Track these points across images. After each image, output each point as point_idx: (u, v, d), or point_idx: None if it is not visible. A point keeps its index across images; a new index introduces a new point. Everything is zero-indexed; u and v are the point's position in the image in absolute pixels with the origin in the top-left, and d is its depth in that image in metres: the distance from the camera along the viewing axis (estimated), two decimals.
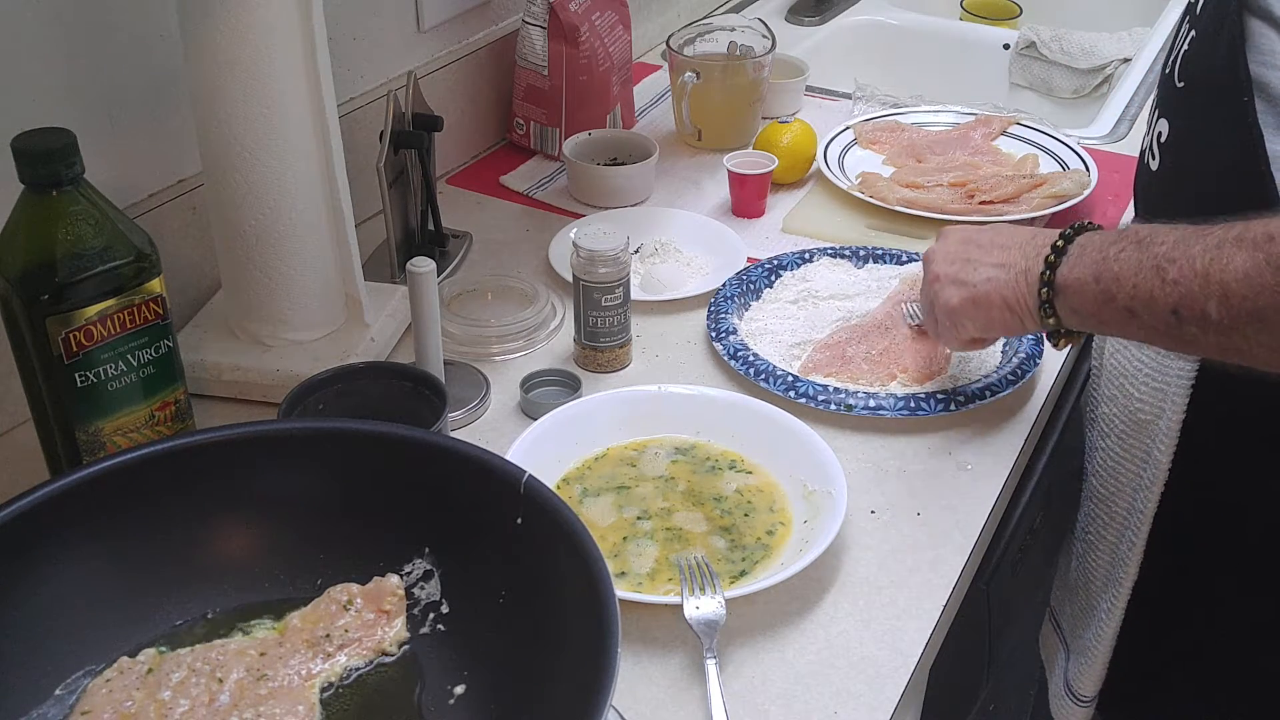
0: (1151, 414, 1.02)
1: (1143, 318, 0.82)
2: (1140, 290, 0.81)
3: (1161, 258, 0.80)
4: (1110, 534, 1.09)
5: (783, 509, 0.98)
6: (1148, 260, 0.81)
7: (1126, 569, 1.06)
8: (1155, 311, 0.81)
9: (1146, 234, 0.83)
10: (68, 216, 0.86)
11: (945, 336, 1.03)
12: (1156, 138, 1.01)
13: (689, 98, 1.54)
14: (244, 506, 0.80)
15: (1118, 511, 1.08)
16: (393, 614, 0.79)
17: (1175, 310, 0.79)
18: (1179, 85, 0.97)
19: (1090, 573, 1.13)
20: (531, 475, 0.76)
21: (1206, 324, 0.78)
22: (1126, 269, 0.83)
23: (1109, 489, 1.09)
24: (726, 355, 1.14)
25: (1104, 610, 1.09)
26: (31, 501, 0.72)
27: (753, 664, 0.87)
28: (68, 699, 0.73)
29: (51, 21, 1.01)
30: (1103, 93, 1.92)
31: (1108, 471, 1.09)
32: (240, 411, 1.08)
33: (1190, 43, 0.95)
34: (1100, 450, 1.10)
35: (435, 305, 1.02)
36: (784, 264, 1.27)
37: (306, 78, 1.03)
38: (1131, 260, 0.82)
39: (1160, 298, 0.80)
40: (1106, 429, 1.09)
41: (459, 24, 1.50)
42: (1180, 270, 0.78)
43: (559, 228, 1.36)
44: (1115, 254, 0.84)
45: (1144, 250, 0.82)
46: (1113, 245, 0.85)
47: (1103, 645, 1.10)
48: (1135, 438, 1.04)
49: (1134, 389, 1.03)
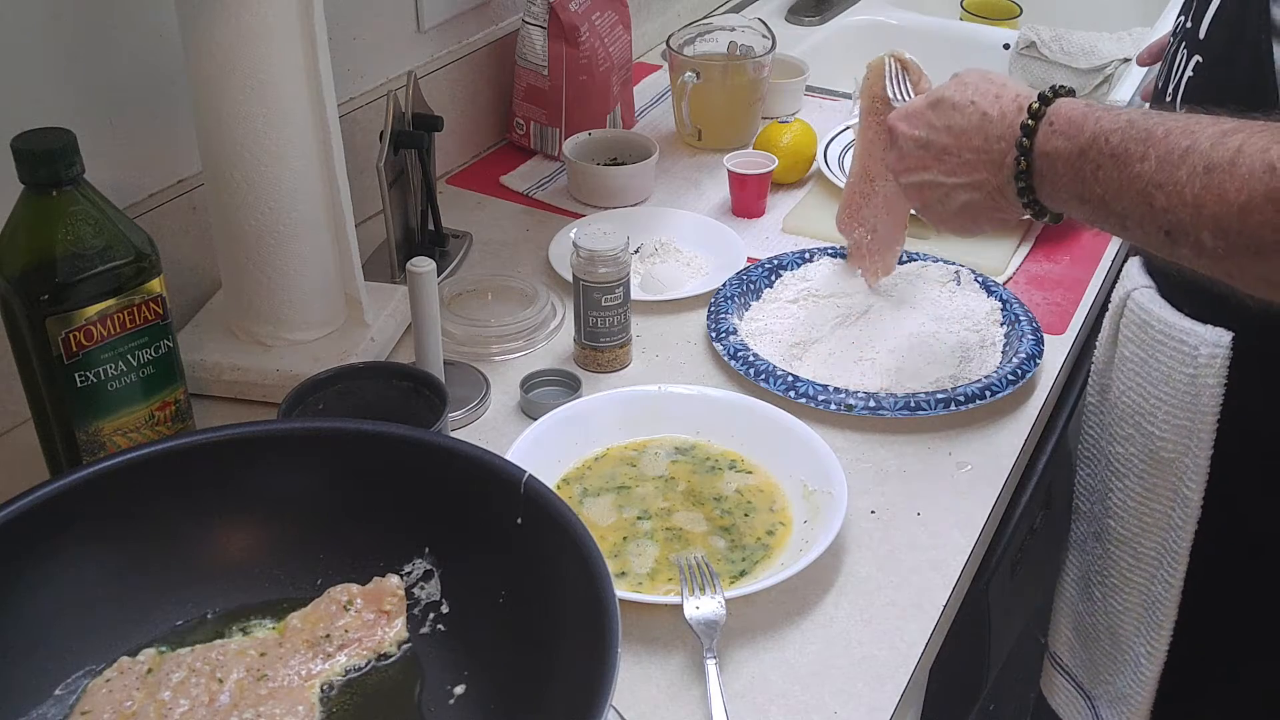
0: (1175, 451, 0.99)
1: (1133, 233, 0.80)
2: (1131, 212, 0.78)
3: (1146, 182, 0.76)
4: (1139, 576, 1.06)
5: (783, 509, 0.98)
6: (1129, 182, 0.77)
7: (1165, 610, 1.03)
8: (1148, 230, 0.77)
9: (1118, 142, 0.78)
10: (68, 216, 0.86)
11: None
12: None
13: (689, 98, 1.54)
14: (244, 506, 0.80)
15: (1146, 553, 1.05)
16: (393, 614, 0.79)
17: (1168, 232, 0.76)
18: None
19: (1118, 617, 1.10)
20: (531, 475, 0.76)
21: (1200, 250, 0.74)
22: (1109, 191, 0.79)
23: (1131, 531, 1.06)
24: (726, 355, 1.14)
25: (1142, 654, 1.06)
26: (31, 501, 0.72)
27: (753, 664, 0.87)
28: (68, 699, 0.73)
29: (51, 21, 1.01)
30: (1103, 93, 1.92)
31: (1129, 513, 1.05)
32: (240, 411, 1.08)
33: (1196, 69, 0.93)
34: (1118, 491, 1.07)
35: (435, 305, 1.02)
36: (784, 264, 1.27)
37: (306, 78, 1.03)
38: (1112, 180, 0.79)
39: (1151, 221, 0.76)
40: (1123, 469, 1.05)
41: (459, 24, 1.50)
42: (1168, 198, 0.74)
43: (559, 228, 1.36)
44: (1092, 173, 0.80)
45: (1123, 169, 0.78)
46: (1085, 162, 0.81)
47: (1144, 691, 1.07)
48: (1158, 476, 1.01)
49: (1153, 427, 1.00)
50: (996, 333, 1.19)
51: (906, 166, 0.96)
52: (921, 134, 0.94)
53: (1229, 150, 0.71)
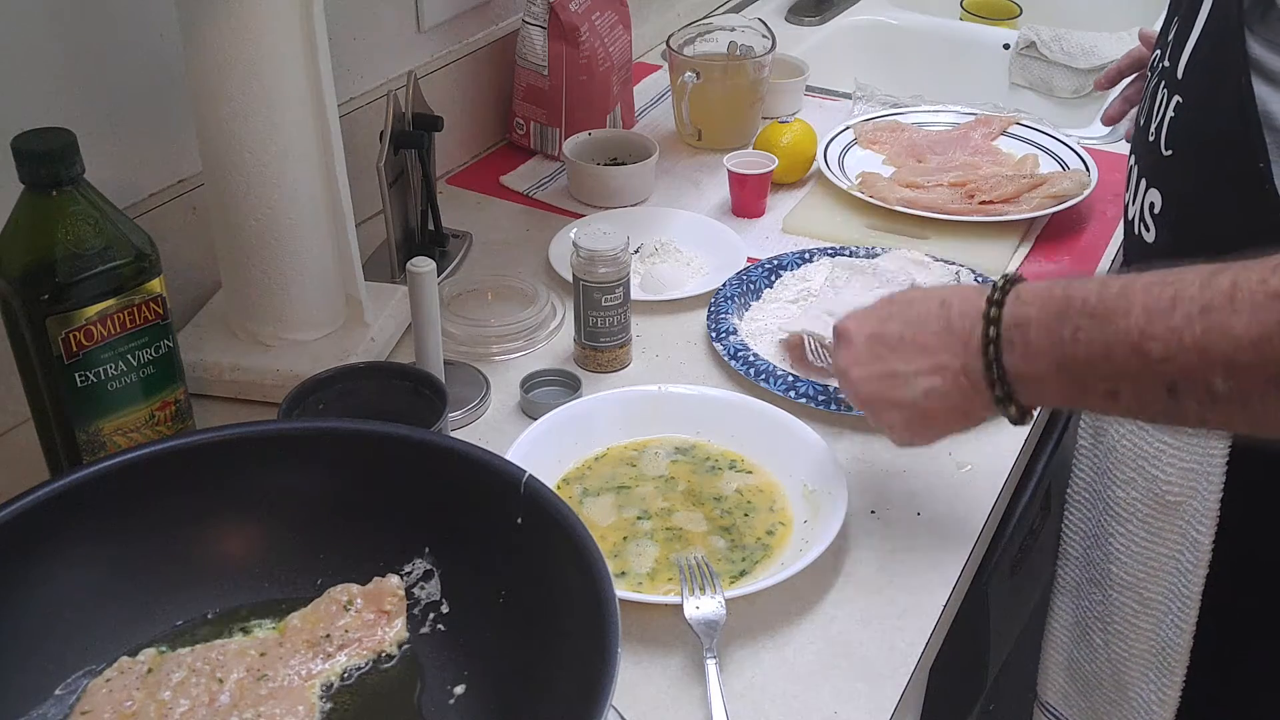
0: (1181, 495, 0.98)
1: (1127, 400, 0.71)
2: (1124, 373, 0.69)
3: (1136, 334, 0.68)
4: (1146, 622, 1.05)
5: (783, 509, 0.98)
6: (1118, 339, 0.69)
7: (1176, 655, 1.02)
8: (1145, 391, 0.69)
9: (1095, 301, 0.70)
10: (68, 216, 0.86)
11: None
12: (1149, 209, 0.97)
13: (689, 98, 1.54)
14: (243, 506, 0.80)
15: (1153, 598, 1.03)
16: (393, 614, 0.79)
17: (1171, 388, 0.68)
18: (1166, 154, 0.94)
19: (1122, 664, 1.08)
20: (532, 475, 0.76)
21: (1213, 398, 0.66)
22: (1095, 352, 0.70)
23: (1136, 575, 1.04)
24: (727, 355, 1.14)
25: (1154, 701, 1.05)
26: (31, 501, 0.72)
27: (753, 664, 0.87)
28: (68, 699, 0.73)
29: (51, 21, 1.01)
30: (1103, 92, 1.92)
31: (1132, 557, 1.04)
32: (240, 411, 1.08)
33: (1177, 109, 0.92)
34: (1121, 536, 1.05)
35: (435, 305, 1.02)
36: (784, 264, 1.27)
37: (306, 78, 1.03)
38: (1097, 341, 0.70)
39: (1148, 378, 0.68)
40: (1126, 514, 1.04)
41: (459, 24, 1.50)
42: (1166, 347, 0.67)
43: (559, 228, 1.36)
44: (1071, 335, 0.71)
45: (1107, 326, 0.69)
46: (1064, 325, 0.72)
47: None
48: (1164, 520, 1.00)
49: (1158, 471, 0.99)
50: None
51: (858, 360, 0.84)
52: (875, 328, 0.84)
53: (1222, 289, 0.65)
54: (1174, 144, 0.93)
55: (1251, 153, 0.85)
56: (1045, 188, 1.40)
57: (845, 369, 0.85)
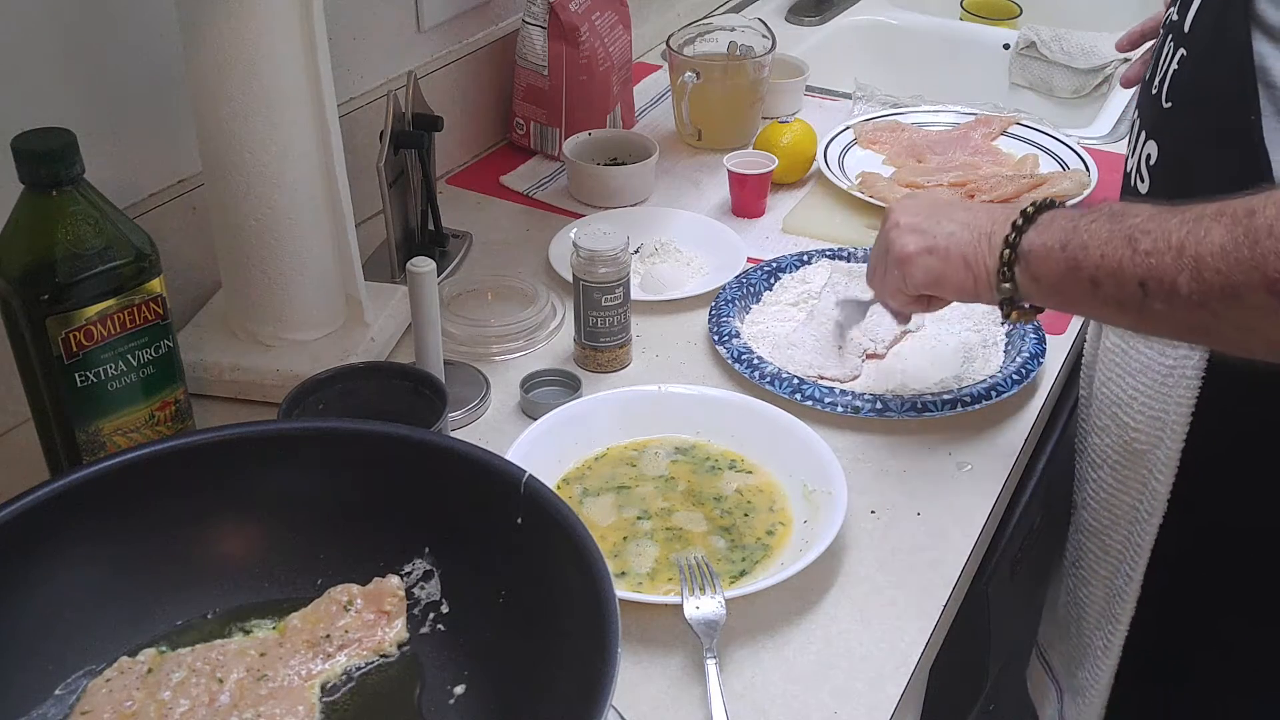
0: (1148, 443, 0.99)
1: (1106, 289, 0.80)
2: (1108, 259, 0.79)
3: (1135, 229, 0.78)
4: (1104, 569, 1.07)
5: (783, 509, 0.98)
6: (1120, 231, 0.79)
7: (1124, 604, 1.04)
8: (1121, 282, 0.78)
9: (1120, 208, 0.81)
10: (68, 216, 0.86)
11: (891, 287, 0.98)
12: (1145, 160, 0.99)
13: (689, 98, 1.54)
14: (244, 506, 0.80)
15: (1112, 545, 1.05)
16: (393, 615, 0.79)
17: (1143, 283, 0.77)
18: (1166, 106, 0.95)
19: (1083, 608, 1.10)
20: (531, 475, 0.76)
21: (1174, 299, 0.75)
22: (1096, 238, 0.80)
23: (1102, 522, 1.06)
24: (731, 359, 1.13)
25: (1099, 648, 1.07)
26: (31, 501, 0.72)
27: (753, 664, 0.87)
28: (68, 699, 0.73)
29: (51, 21, 1.01)
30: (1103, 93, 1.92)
31: (1100, 504, 1.06)
32: (240, 411, 1.08)
33: (1180, 62, 0.93)
34: (1091, 482, 1.07)
35: (435, 305, 1.02)
36: (782, 266, 1.27)
37: (306, 78, 1.03)
38: (1102, 230, 0.80)
39: (1129, 268, 0.77)
40: (1098, 460, 1.06)
41: (459, 24, 1.50)
42: (1154, 242, 0.76)
43: (559, 228, 1.36)
44: (1086, 224, 0.82)
45: (1117, 222, 0.79)
46: (1084, 217, 0.83)
47: (1100, 684, 1.08)
48: (1130, 468, 1.02)
49: (1129, 418, 1.01)
50: (998, 332, 1.19)
51: (910, 208, 0.97)
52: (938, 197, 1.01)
53: (1214, 206, 0.74)
54: (1174, 97, 0.94)
55: (1244, 107, 0.86)
56: (1045, 188, 1.40)
57: (894, 206, 0.99)
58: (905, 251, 0.94)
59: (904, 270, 0.95)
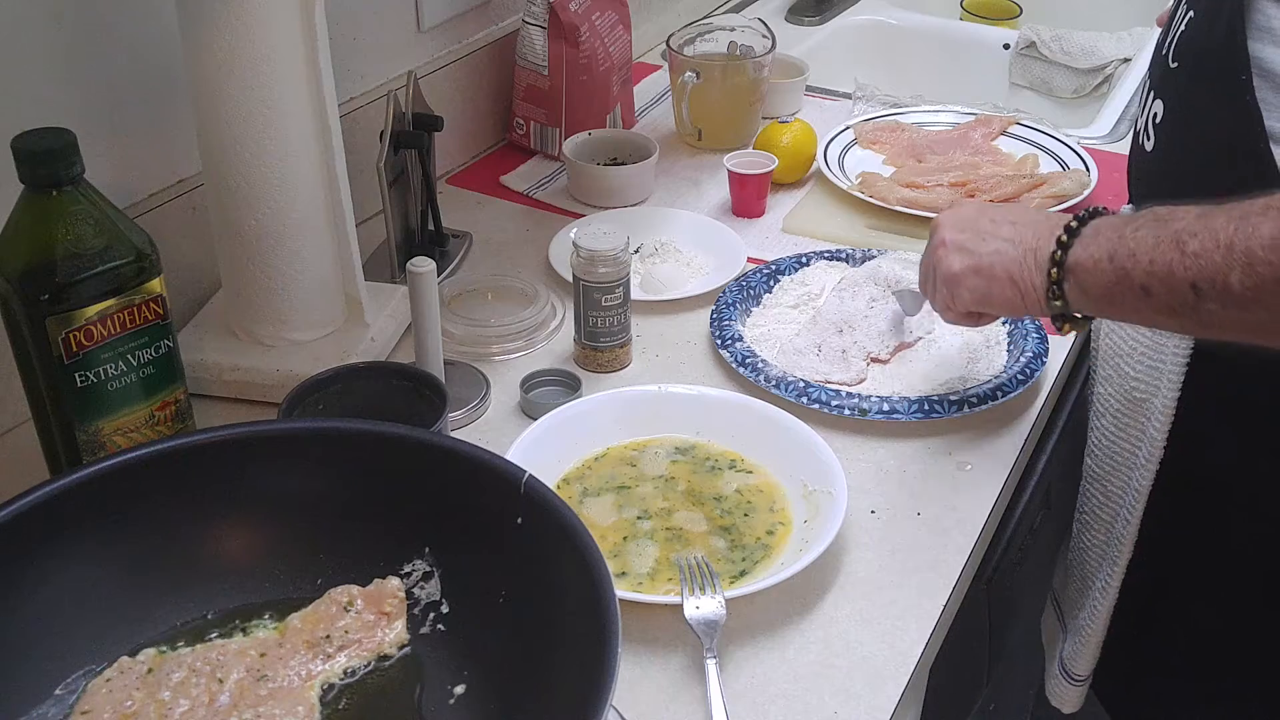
0: (1146, 392, 1.02)
1: (1158, 295, 0.79)
2: (1158, 265, 0.78)
3: (1182, 231, 0.77)
4: (1105, 513, 1.09)
5: (783, 509, 0.98)
6: (1166, 235, 0.78)
7: (1121, 547, 1.06)
8: (1173, 287, 0.78)
9: (1165, 212, 0.80)
10: (68, 216, 0.86)
11: (941, 305, 0.99)
12: (1152, 118, 1.00)
13: (689, 98, 1.54)
14: (244, 506, 0.80)
15: (1113, 490, 1.08)
16: (393, 616, 0.79)
17: (1195, 284, 0.76)
18: (1172, 65, 0.97)
19: (1086, 552, 1.13)
20: (531, 475, 0.76)
21: (1228, 297, 0.75)
22: (1143, 245, 0.80)
23: (1104, 468, 1.09)
24: (734, 362, 1.13)
25: (1098, 589, 1.10)
26: (31, 501, 0.72)
27: (753, 664, 0.87)
28: (68, 699, 0.73)
29: (51, 21, 1.01)
30: (1103, 93, 1.92)
31: (1103, 451, 1.09)
32: (240, 411, 1.08)
33: (1188, 23, 0.95)
34: (1096, 430, 1.10)
35: (435, 305, 1.02)
36: (781, 268, 1.27)
37: (306, 78, 1.03)
38: (1149, 236, 0.80)
39: (1179, 272, 0.77)
40: (1102, 408, 1.09)
41: (459, 24, 1.50)
42: (1202, 242, 0.76)
43: (559, 228, 1.36)
44: (1132, 232, 0.81)
45: (1163, 226, 0.79)
46: (1129, 225, 0.82)
47: (1097, 624, 1.10)
48: (1130, 416, 1.04)
49: (1129, 368, 1.03)
50: (999, 331, 1.19)
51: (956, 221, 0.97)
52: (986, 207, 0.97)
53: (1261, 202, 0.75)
54: (1179, 56, 0.96)
55: (1238, 65, 0.87)
56: (1045, 188, 1.40)
57: (940, 222, 0.98)
58: (951, 272, 0.95)
59: (951, 290, 0.95)
